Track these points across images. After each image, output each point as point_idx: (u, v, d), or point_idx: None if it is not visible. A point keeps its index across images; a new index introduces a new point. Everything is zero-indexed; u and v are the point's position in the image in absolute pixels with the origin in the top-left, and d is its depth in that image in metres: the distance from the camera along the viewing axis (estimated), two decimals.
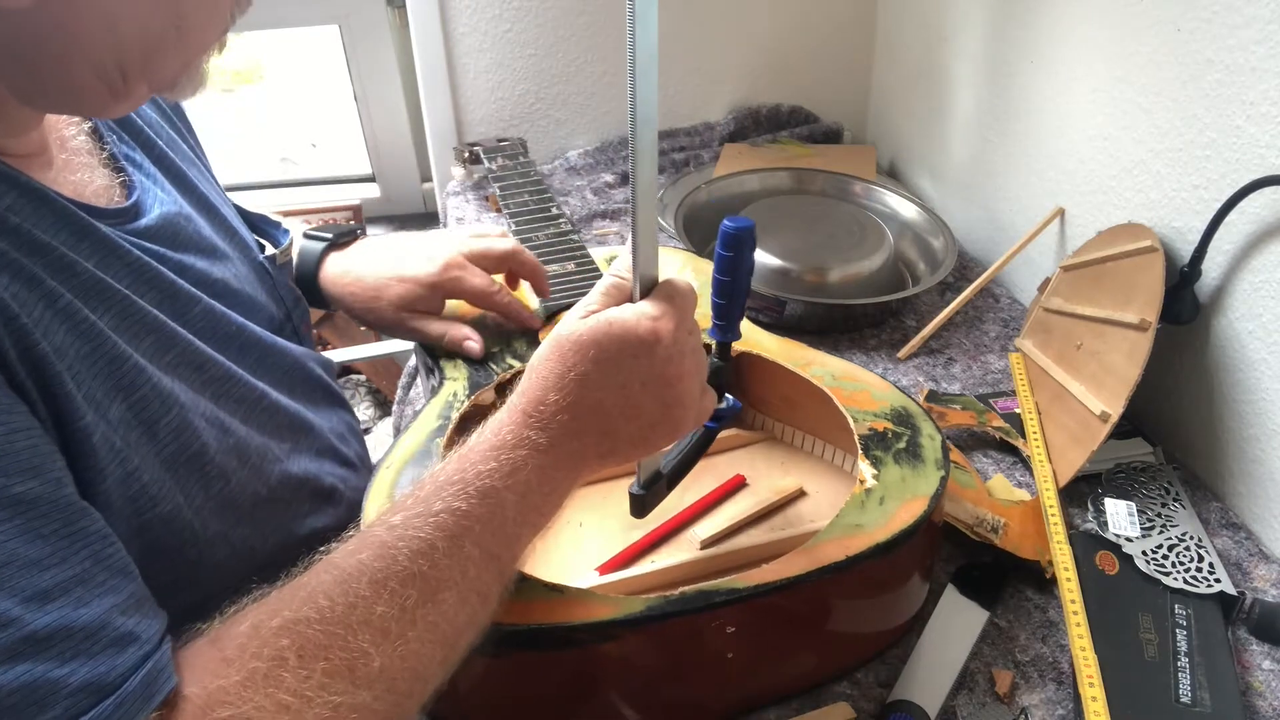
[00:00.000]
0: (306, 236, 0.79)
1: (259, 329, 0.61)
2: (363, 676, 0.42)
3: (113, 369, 0.46)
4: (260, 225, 0.70)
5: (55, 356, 0.43)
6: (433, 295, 0.75)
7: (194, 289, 0.55)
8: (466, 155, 1.28)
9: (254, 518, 0.55)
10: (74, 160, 0.53)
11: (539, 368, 0.51)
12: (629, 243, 0.52)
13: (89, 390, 0.45)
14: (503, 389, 0.72)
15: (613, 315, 0.50)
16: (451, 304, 0.79)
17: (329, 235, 0.79)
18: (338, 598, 0.43)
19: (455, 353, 0.75)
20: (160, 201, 0.57)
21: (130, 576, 0.42)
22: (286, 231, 0.71)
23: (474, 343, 0.74)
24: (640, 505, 0.60)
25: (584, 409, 0.50)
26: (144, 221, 0.54)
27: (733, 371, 0.61)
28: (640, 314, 0.50)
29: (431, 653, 0.45)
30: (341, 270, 0.78)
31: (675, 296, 0.52)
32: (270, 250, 0.68)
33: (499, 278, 0.79)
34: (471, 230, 0.80)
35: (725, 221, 0.54)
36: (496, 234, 0.79)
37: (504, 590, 0.49)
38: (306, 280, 0.77)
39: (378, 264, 0.77)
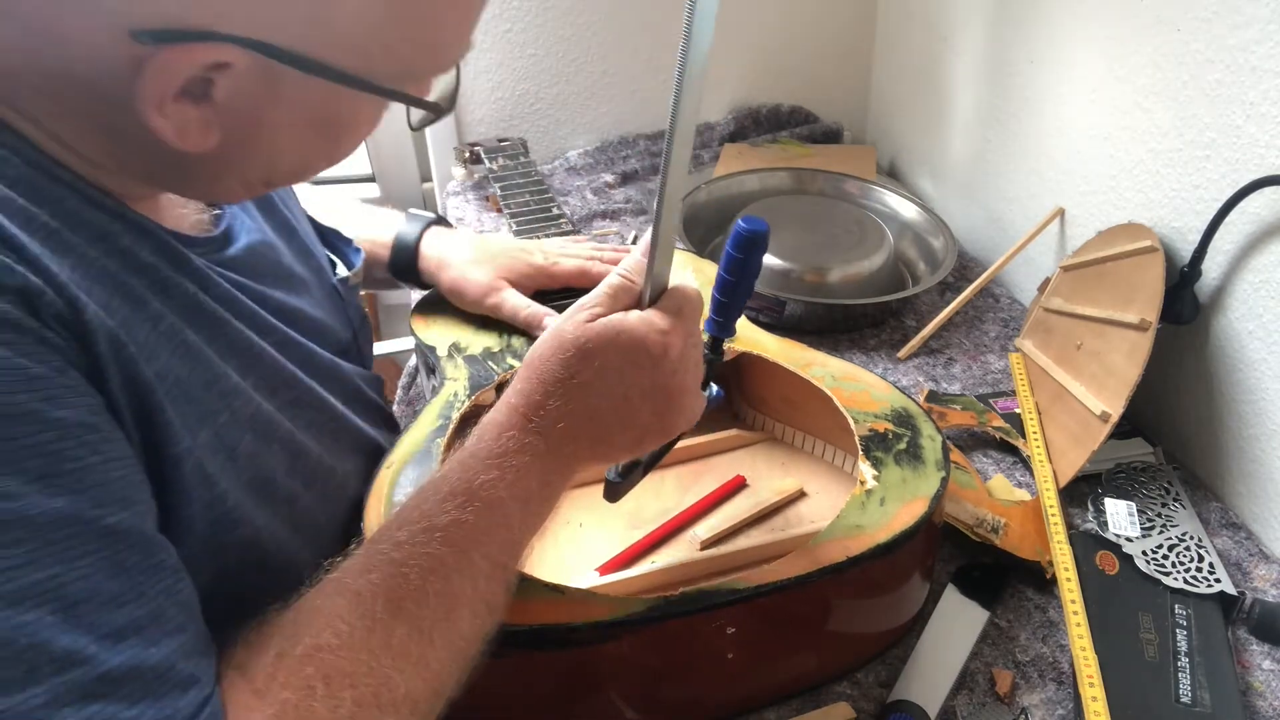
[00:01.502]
0: (408, 215, 0.83)
1: (326, 352, 0.61)
2: (389, 702, 0.42)
3: (208, 391, 0.47)
4: (334, 241, 0.71)
5: (157, 382, 0.43)
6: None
7: (272, 318, 0.55)
8: (467, 155, 1.28)
9: (319, 541, 0.55)
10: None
11: (538, 367, 0.50)
12: (642, 241, 0.50)
13: (185, 416, 0.45)
14: (502, 389, 0.72)
15: (621, 325, 0.49)
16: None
17: (429, 216, 0.83)
18: (355, 621, 0.43)
19: (456, 353, 0.75)
20: (247, 229, 0.57)
21: (195, 615, 0.42)
22: (359, 250, 0.72)
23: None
24: (614, 491, 0.59)
25: (582, 416, 0.49)
26: (231, 251, 0.54)
27: (720, 366, 0.60)
28: (650, 326, 0.49)
29: (450, 669, 0.45)
30: (440, 247, 0.81)
31: (685, 306, 0.51)
32: (343, 272, 0.68)
33: None
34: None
35: (740, 221, 0.52)
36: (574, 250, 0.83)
37: (509, 596, 0.49)
38: (407, 251, 0.80)
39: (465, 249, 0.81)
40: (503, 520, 0.48)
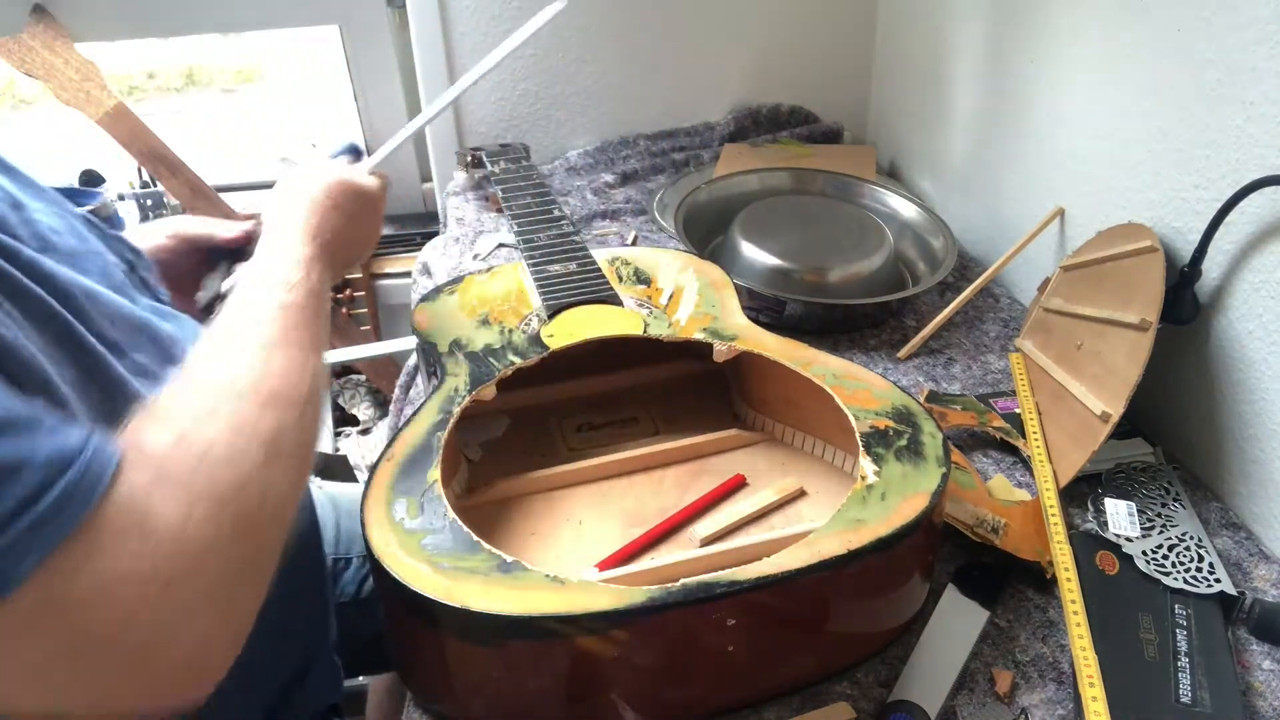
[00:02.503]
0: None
1: (96, 284, 0.57)
2: (287, 399, 0.49)
3: None
4: (65, 194, 0.69)
5: None
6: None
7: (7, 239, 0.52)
8: (469, 159, 1.28)
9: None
10: None
11: (323, 213, 0.65)
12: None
13: None
14: (504, 385, 0.72)
15: (365, 182, 0.71)
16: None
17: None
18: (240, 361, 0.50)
19: (457, 350, 0.75)
20: None
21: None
22: (97, 194, 0.70)
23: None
24: None
25: (339, 243, 0.66)
26: None
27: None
28: (379, 181, 0.73)
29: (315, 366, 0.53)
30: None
31: (384, 181, 0.74)
32: (89, 206, 0.66)
33: None
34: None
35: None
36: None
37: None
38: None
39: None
40: (309, 300, 0.57)
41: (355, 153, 0.83)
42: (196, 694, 0.42)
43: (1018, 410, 0.86)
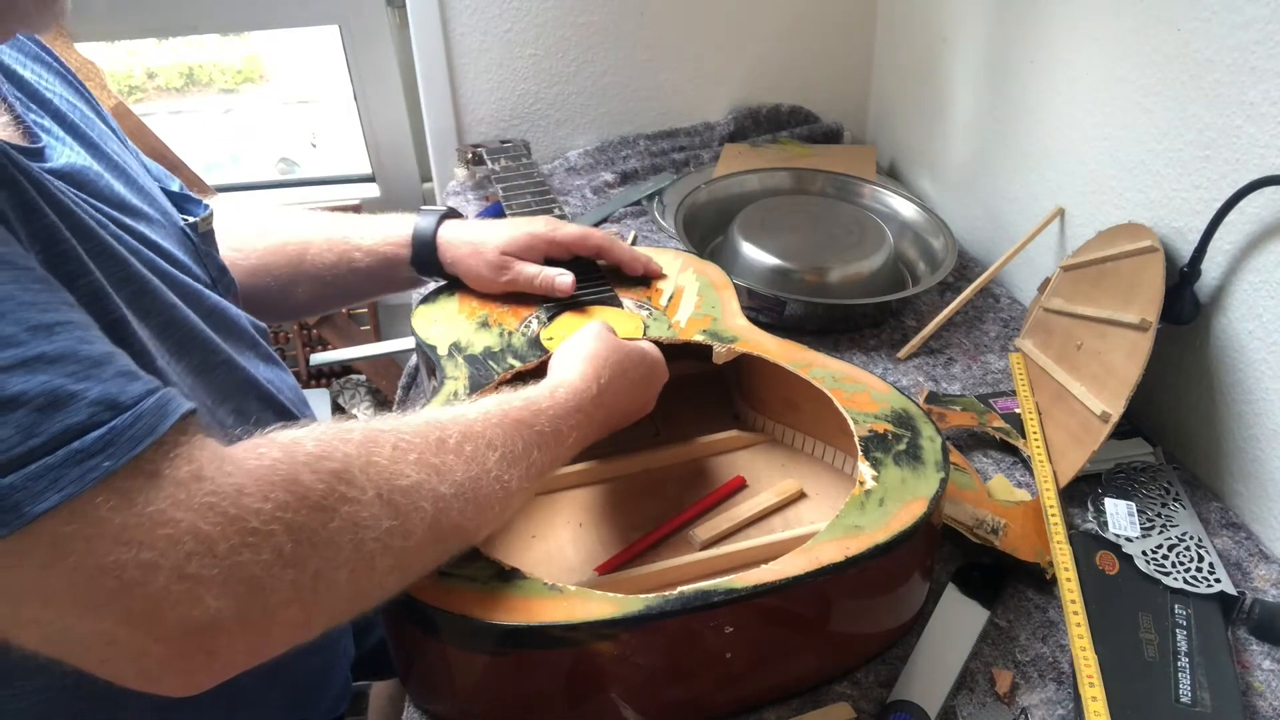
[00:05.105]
0: (420, 212, 0.86)
1: (188, 278, 0.60)
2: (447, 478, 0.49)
3: (52, 248, 0.47)
4: (177, 200, 0.69)
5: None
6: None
7: (118, 230, 0.54)
8: (470, 156, 1.28)
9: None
10: None
11: (610, 366, 0.65)
12: None
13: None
14: (503, 388, 0.72)
15: (647, 346, 0.70)
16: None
17: (441, 210, 0.87)
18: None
19: (456, 352, 0.75)
20: (65, 155, 0.56)
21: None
22: (203, 203, 0.70)
23: (565, 279, 0.81)
24: None
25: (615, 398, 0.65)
26: (52, 165, 0.53)
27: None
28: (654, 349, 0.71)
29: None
30: (453, 236, 0.85)
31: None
32: (191, 219, 0.67)
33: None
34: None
35: None
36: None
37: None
38: (426, 245, 0.83)
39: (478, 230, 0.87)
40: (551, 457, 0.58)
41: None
42: (191, 679, 0.41)
43: (1018, 410, 0.86)
